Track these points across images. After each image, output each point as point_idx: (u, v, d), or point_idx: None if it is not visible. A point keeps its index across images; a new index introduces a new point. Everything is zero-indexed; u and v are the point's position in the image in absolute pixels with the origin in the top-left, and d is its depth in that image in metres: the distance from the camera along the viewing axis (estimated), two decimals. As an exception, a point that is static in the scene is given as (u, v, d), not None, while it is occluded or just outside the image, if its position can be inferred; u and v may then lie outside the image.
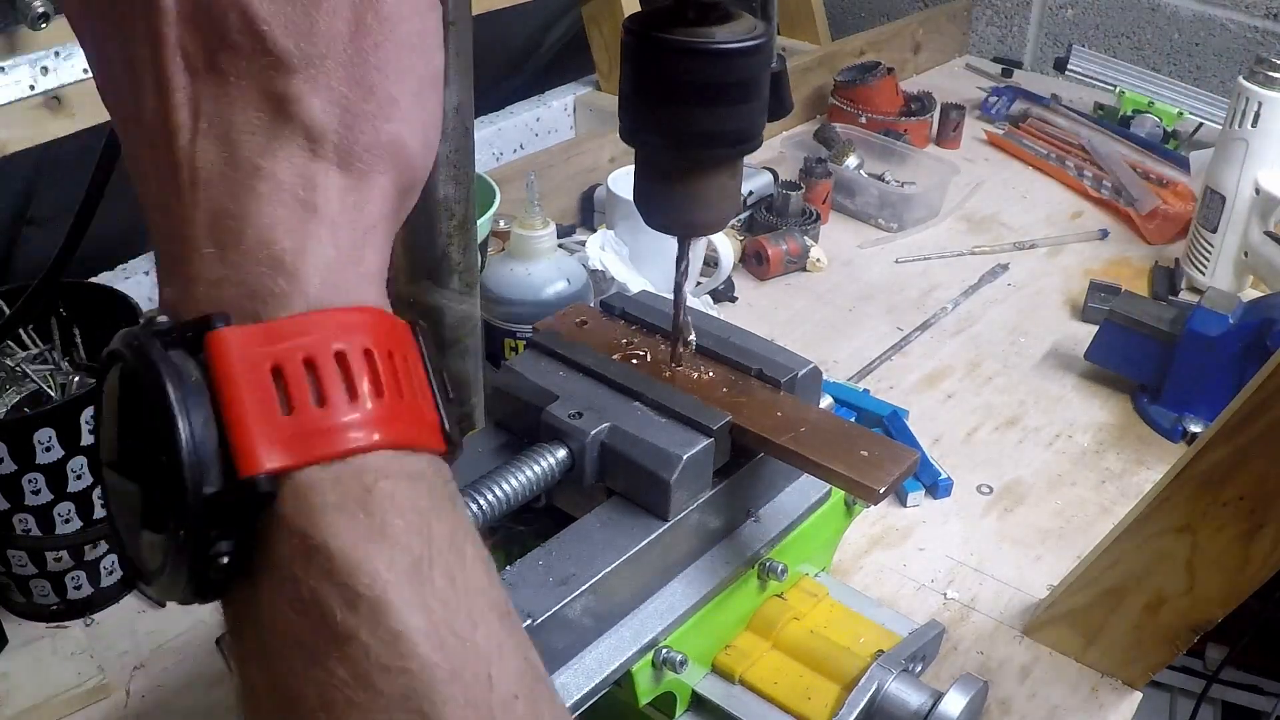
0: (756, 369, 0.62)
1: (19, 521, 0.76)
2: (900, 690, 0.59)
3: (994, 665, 0.80)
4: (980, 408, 1.08)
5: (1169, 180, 1.48)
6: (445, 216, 0.58)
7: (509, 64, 1.75)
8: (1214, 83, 1.74)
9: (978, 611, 0.85)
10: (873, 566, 0.89)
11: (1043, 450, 1.02)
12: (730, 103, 0.48)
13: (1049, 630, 0.81)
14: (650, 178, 0.51)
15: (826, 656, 0.61)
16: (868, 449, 0.56)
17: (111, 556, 0.81)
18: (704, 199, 0.51)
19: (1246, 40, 1.71)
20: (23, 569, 0.79)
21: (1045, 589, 0.86)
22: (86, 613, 0.82)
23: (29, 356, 0.82)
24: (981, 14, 1.97)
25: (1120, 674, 0.79)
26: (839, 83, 1.62)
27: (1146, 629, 0.75)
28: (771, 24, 0.51)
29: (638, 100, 0.49)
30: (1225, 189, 1.21)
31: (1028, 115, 1.68)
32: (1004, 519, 0.95)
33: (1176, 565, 0.71)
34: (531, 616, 0.51)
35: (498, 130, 1.60)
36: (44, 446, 0.73)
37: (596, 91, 1.69)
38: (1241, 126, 1.18)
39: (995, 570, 0.89)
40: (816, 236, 1.33)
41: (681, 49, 0.47)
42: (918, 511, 0.95)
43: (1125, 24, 1.82)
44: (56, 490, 0.75)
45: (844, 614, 0.65)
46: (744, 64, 0.48)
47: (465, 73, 0.54)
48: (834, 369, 1.11)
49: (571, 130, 1.69)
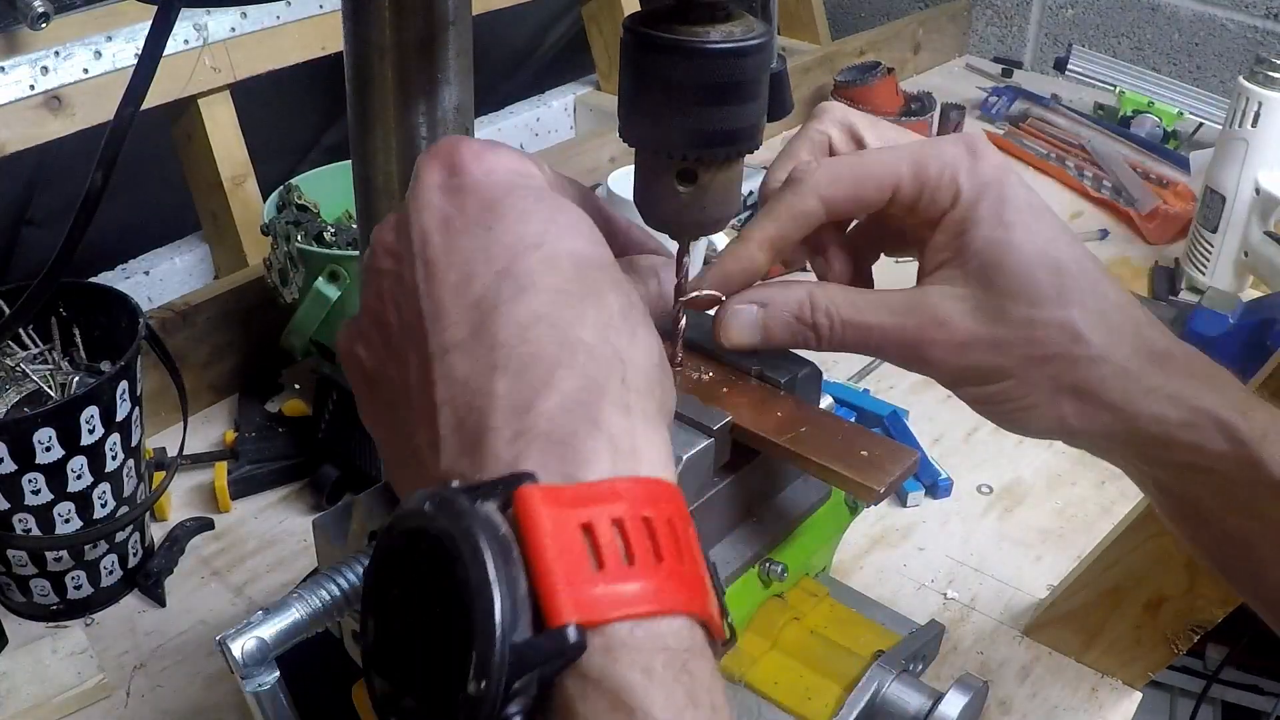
0: (756, 369, 0.62)
1: (19, 521, 0.76)
2: (900, 690, 0.59)
3: (994, 665, 0.80)
4: (980, 408, 1.07)
5: (1169, 180, 1.48)
6: (445, 216, 0.58)
7: (509, 64, 1.75)
8: (1214, 83, 1.74)
9: (978, 611, 0.85)
10: (873, 566, 0.89)
11: (1043, 450, 1.02)
12: (730, 103, 0.48)
13: (1049, 630, 0.81)
14: (650, 178, 0.51)
15: (826, 657, 0.61)
16: (868, 449, 0.56)
17: (111, 556, 0.81)
18: (704, 199, 0.51)
19: (1246, 40, 1.71)
20: (23, 569, 0.79)
21: (1045, 589, 0.86)
22: (86, 613, 0.82)
23: (29, 356, 0.82)
24: (981, 14, 1.97)
25: (1120, 674, 0.79)
26: (839, 83, 1.62)
27: (1146, 629, 0.75)
28: (771, 24, 0.51)
29: (638, 100, 0.49)
30: (1225, 189, 1.21)
31: (1028, 115, 1.68)
32: (1004, 519, 0.95)
33: (1176, 565, 0.71)
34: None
35: (498, 130, 1.60)
36: (44, 446, 0.73)
37: (596, 91, 1.69)
38: (1241, 126, 1.18)
39: (995, 570, 0.89)
40: (816, 236, 1.33)
41: (681, 49, 0.47)
42: (918, 511, 0.95)
43: (1125, 24, 1.82)
44: (56, 490, 0.75)
45: (844, 614, 0.65)
46: (744, 64, 0.48)
47: (465, 73, 0.54)
48: (834, 369, 1.11)
49: (571, 130, 1.69)
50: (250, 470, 0.94)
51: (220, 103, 1.20)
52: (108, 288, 0.84)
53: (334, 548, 0.56)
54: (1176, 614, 0.73)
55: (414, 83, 0.53)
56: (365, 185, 0.56)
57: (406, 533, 0.33)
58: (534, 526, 0.32)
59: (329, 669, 0.60)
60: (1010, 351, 0.48)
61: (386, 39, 0.52)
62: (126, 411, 0.77)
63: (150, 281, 1.28)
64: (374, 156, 0.55)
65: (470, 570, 0.31)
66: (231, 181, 1.21)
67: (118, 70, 1.10)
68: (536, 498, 0.32)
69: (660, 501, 0.34)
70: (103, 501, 0.78)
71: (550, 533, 0.32)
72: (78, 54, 1.07)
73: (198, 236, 1.32)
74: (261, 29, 1.21)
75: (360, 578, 0.48)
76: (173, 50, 1.12)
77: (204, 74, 1.17)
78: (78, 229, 0.59)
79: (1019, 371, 0.48)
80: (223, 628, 0.52)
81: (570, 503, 0.33)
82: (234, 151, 1.22)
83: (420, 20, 0.51)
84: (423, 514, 0.33)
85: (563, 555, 0.32)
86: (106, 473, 0.77)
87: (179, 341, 0.97)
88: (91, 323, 0.84)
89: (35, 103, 1.06)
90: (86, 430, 0.74)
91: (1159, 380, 0.48)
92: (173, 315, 0.98)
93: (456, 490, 0.33)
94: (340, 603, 0.47)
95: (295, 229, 0.97)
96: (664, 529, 0.34)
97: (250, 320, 1.03)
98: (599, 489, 0.34)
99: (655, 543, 0.33)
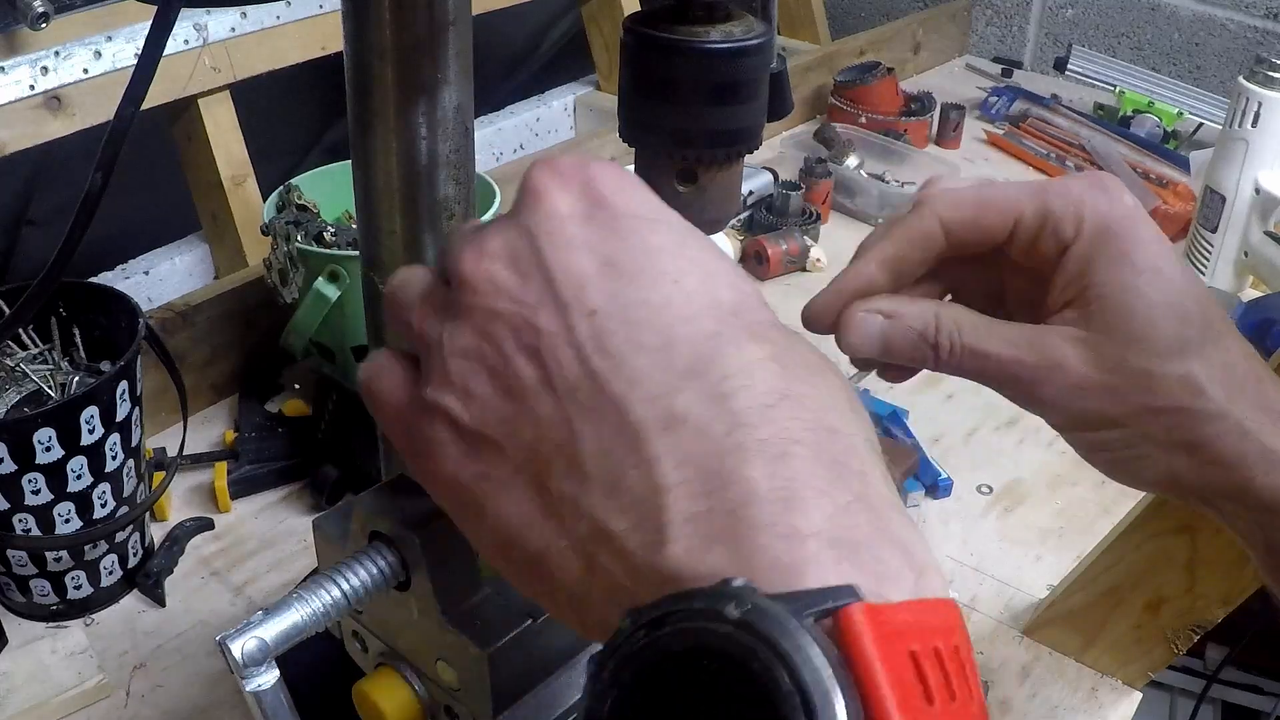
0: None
1: (19, 521, 0.76)
2: (900, 690, 0.59)
3: (994, 665, 0.80)
4: (980, 408, 1.07)
5: (1169, 180, 1.48)
6: (445, 216, 0.58)
7: (509, 64, 1.75)
8: (1214, 83, 1.74)
9: (978, 611, 0.85)
10: (873, 566, 0.89)
11: (1043, 450, 1.02)
12: (730, 103, 0.48)
13: (1049, 630, 0.81)
14: (650, 178, 0.51)
15: (826, 656, 0.61)
16: (868, 449, 0.56)
17: (111, 556, 0.81)
18: (704, 199, 0.51)
19: (1246, 40, 1.71)
20: (23, 569, 0.79)
21: (1045, 589, 0.86)
22: (86, 613, 0.82)
23: (29, 356, 0.82)
24: (981, 14, 1.97)
25: (1120, 674, 0.79)
26: (839, 83, 1.62)
27: (1146, 629, 0.75)
28: (771, 24, 0.51)
29: (638, 100, 0.49)
30: (1225, 189, 1.21)
31: (1028, 115, 1.68)
32: (1004, 519, 0.95)
33: (1176, 565, 0.71)
34: (533, 617, 0.51)
35: (498, 130, 1.60)
36: (44, 446, 0.73)
37: (596, 91, 1.69)
38: (1241, 126, 1.18)
39: (995, 570, 0.89)
40: (816, 236, 1.33)
41: (681, 49, 0.47)
42: (918, 511, 0.95)
43: (1125, 24, 1.82)
44: (56, 490, 0.75)
45: (844, 614, 0.65)
46: (744, 64, 0.48)
47: (465, 73, 0.54)
48: (834, 369, 1.11)
49: (571, 130, 1.69)
50: (250, 470, 0.94)
51: (220, 103, 1.20)
52: (108, 288, 0.84)
53: (334, 548, 0.56)
54: (1176, 614, 0.73)
55: (414, 83, 0.53)
56: (365, 185, 0.56)
57: (687, 646, 0.27)
58: (868, 653, 0.27)
59: (329, 669, 0.60)
60: (1126, 400, 0.47)
61: (386, 39, 0.52)
62: (126, 411, 0.77)
63: (150, 281, 1.28)
64: (374, 156, 0.55)
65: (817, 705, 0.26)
66: (231, 181, 1.21)
67: (118, 70, 1.10)
68: (866, 617, 0.28)
69: (960, 627, 0.30)
70: (103, 501, 0.78)
71: (886, 660, 0.27)
72: (78, 54, 1.07)
73: (198, 236, 1.32)
74: (261, 29, 1.21)
75: (359, 578, 0.48)
76: (173, 50, 1.12)
77: (204, 74, 1.17)
78: (78, 229, 0.59)
79: (1133, 421, 0.47)
80: (223, 628, 0.52)
81: (896, 626, 0.28)
82: (234, 151, 1.22)
83: (420, 20, 0.51)
84: (716, 622, 0.27)
85: (898, 688, 0.27)
86: (106, 473, 0.78)
87: (179, 341, 0.97)
88: (91, 323, 0.84)
89: (35, 103, 1.06)
90: (86, 430, 0.74)
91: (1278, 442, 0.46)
92: (173, 315, 0.98)
93: (766, 597, 0.27)
94: (340, 603, 0.47)
95: (295, 229, 0.97)
96: (969, 659, 0.30)
97: (250, 320, 1.03)
98: (916, 611, 0.29)
99: (965, 675, 0.29)
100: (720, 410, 0.32)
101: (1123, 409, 0.47)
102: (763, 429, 0.32)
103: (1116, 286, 0.46)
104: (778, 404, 0.33)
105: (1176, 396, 0.46)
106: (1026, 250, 0.49)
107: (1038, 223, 0.48)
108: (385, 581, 0.49)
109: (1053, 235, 0.48)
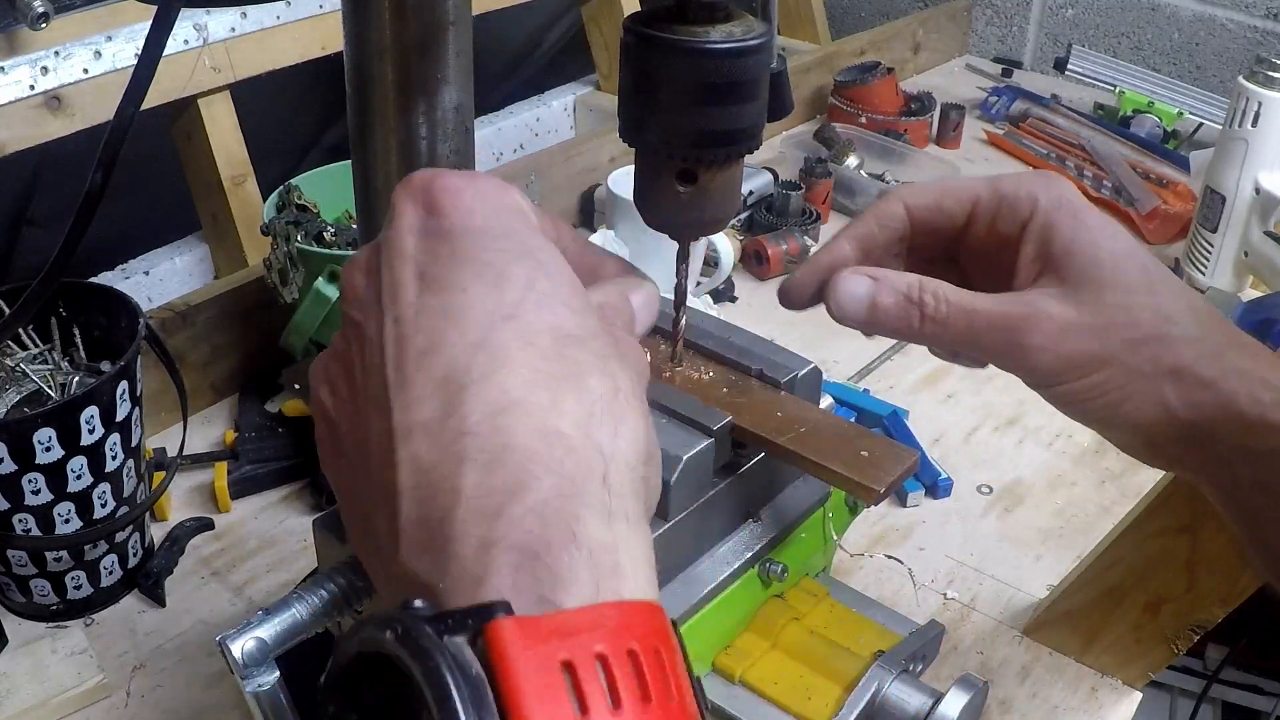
0: (757, 369, 0.62)
1: (19, 521, 0.76)
2: (900, 691, 0.59)
3: (994, 665, 0.80)
4: (980, 408, 1.08)
5: (1169, 180, 1.48)
6: (445, 216, 0.58)
7: (509, 64, 1.75)
8: (1214, 83, 1.74)
9: (978, 611, 0.85)
10: (873, 566, 0.89)
11: (1043, 450, 1.02)
12: (730, 103, 0.48)
13: (1049, 630, 0.81)
14: (650, 177, 0.51)
15: (826, 657, 0.61)
16: (868, 449, 0.56)
17: (111, 556, 0.81)
18: (704, 199, 0.51)
19: (1246, 40, 1.71)
20: (23, 569, 0.79)
21: (1045, 589, 0.86)
22: (86, 613, 0.82)
23: (29, 356, 0.82)
24: (981, 14, 1.97)
25: (1120, 674, 0.79)
26: (839, 83, 1.62)
27: (1146, 629, 0.75)
28: (771, 24, 0.51)
29: (638, 100, 0.49)
30: (1225, 189, 1.21)
31: (1028, 115, 1.68)
32: (1004, 519, 0.95)
33: (1176, 565, 0.71)
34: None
35: (498, 130, 1.60)
36: (44, 446, 0.73)
37: (596, 91, 1.69)
38: (1241, 126, 1.18)
39: (995, 570, 0.89)
40: (816, 236, 1.33)
41: (681, 49, 0.47)
42: (918, 511, 0.95)
43: (1125, 24, 1.82)
44: (56, 490, 0.75)
45: (844, 614, 0.65)
46: (744, 64, 0.48)
47: (465, 73, 0.54)
48: (834, 369, 1.11)
49: (571, 130, 1.69)
50: (250, 470, 0.94)
51: (220, 103, 1.20)
52: (108, 288, 0.84)
53: (334, 548, 0.56)
54: (1176, 614, 0.73)
55: (414, 83, 0.53)
56: (365, 185, 0.56)
57: (367, 656, 0.30)
58: (509, 667, 0.29)
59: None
60: (1109, 335, 0.50)
61: (386, 39, 0.52)
62: (126, 411, 0.77)
63: (150, 281, 1.28)
64: (374, 156, 0.55)
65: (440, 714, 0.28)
66: (231, 181, 1.21)
67: (118, 70, 1.10)
68: (512, 632, 0.29)
69: (646, 629, 0.31)
70: (103, 501, 0.78)
71: (527, 674, 0.29)
72: (78, 54, 1.07)
73: (198, 236, 1.32)
74: (261, 29, 1.21)
75: (359, 578, 0.48)
76: (173, 50, 1.12)
77: (204, 74, 1.17)
78: (78, 229, 0.59)
79: (1119, 356, 0.50)
80: (223, 628, 0.52)
81: (549, 636, 0.30)
82: (234, 151, 1.22)
83: (420, 20, 0.51)
84: (375, 643, 0.30)
85: (542, 700, 0.29)
86: (106, 473, 0.78)
87: (179, 341, 0.97)
88: (91, 323, 0.84)
89: (35, 103, 1.06)
90: (86, 430, 0.74)
91: (1248, 364, 0.50)
92: (173, 315, 0.98)
93: (421, 619, 0.29)
94: (340, 603, 0.47)
95: (295, 229, 0.97)
96: (651, 661, 0.31)
97: (250, 320, 1.03)
98: (580, 619, 0.31)
99: (642, 679, 0.30)
100: (453, 418, 0.34)
101: (1107, 345, 0.50)
102: (485, 437, 0.34)
103: (1081, 243, 0.51)
104: (506, 410, 0.34)
105: (1155, 325, 0.50)
106: (987, 230, 0.53)
107: (994, 204, 0.53)
108: (385, 581, 0.49)
109: (1010, 213, 0.52)
